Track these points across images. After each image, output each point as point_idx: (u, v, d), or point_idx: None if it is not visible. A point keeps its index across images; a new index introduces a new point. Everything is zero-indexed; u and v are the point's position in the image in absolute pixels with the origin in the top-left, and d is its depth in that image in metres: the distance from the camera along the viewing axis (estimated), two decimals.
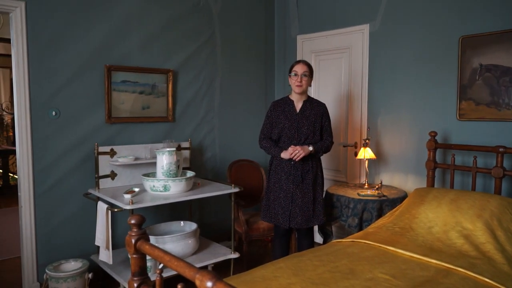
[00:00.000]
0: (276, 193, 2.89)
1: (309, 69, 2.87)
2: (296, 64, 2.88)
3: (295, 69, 2.85)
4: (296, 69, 2.85)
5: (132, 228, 1.53)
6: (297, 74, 2.84)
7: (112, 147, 3.19)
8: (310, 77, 2.88)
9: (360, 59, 3.75)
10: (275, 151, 2.87)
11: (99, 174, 3.11)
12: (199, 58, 3.82)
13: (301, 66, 2.85)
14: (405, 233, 2.49)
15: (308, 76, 2.85)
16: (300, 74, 2.83)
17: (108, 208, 2.74)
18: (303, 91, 2.87)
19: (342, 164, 3.97)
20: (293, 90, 2.90)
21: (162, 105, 3.57)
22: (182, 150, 3.56)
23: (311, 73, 2.90)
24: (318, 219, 2.89)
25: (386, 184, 3.55)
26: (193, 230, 2.99)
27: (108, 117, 3.24)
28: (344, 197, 3.12)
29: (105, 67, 3.19)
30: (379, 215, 2.98)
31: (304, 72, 2.83)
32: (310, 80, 2.90)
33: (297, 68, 2.85)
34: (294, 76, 2.85)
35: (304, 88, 2.85)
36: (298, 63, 2.87)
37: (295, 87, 2.86)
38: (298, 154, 2.76)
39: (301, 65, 2.85)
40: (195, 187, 3.15)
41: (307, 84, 2.87)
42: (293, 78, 2.86)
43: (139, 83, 3.41)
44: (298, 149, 2.76)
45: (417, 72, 3.35)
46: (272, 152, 2.89)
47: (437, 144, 3.10)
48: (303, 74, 2.83)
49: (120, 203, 2.66)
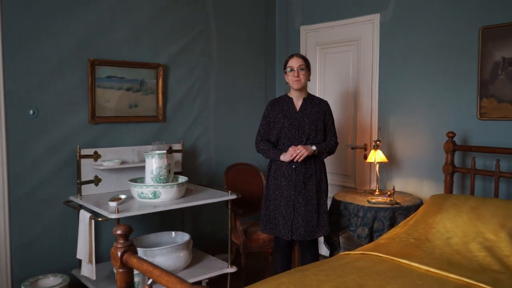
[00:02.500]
0: (276, 201, 2.88)
1: (305, 62, 2.89)
2: (290, 58, 2.89)
3: (290, 64, 2.86)
4: (291, 63, 2.86)
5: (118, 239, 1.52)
6: (293, 69, 2.85)
7: (96, 149, 3.18)
8: (307, 70, 2.89)
9: (370, 52, 3.74)
10: (274, 154, 2.86)
11: (81, 180, 3.10)
12: (192, 52, 3.81)
13: (296, 60, 2.86)
14: (421, 245, 2.48)
15: (305, 69, 2.86)
16: (297, 68, 2.84)
17: (91, 217, 2.73)
18: (302, 87, 2.88)
19: (350, 168, 3.96)
20: (292, 87, 2.91)
21: (152, 103, 3.56)
22: (174, 152, 3.55)
23: (308, 66, 2.91)
24: (323, 230, 2.88)
25: (399, 190, 3.54)
26: (185, 242, 2.98)
27: (92, 117, 3.23)
28: (353, 205, 3.11)
29: (88, 62, 3.18)
30: (391, 224, 2.97)
31: (300, 65, 2.84)
32: (308, 74, 2.91)
33: (292, 62, 2.86)
34: (290, 71, 2.86)
35: (303, 83, 2.86)
36: (292, 57, 2.89)
37: (293, 84, 2.86)
38: (300, 154, 2.75)
39: (296, 58, 2.87)
40: (187, 193, 3.14)
41: (306, 79, 2.88)
42: (289, 74, 2.87)
43: (126, 79, 3.40)
44: (299, 149, 2.76)
45: (433, 67, 3.35)
46: (271, 155, 2.89)
47: (455, 146, 3.09)
48: (300, 68, 2.84)
49: (104, 212, 2.65)
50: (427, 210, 2.75)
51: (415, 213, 2.86)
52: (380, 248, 2.49)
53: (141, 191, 2.89)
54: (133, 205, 2.81)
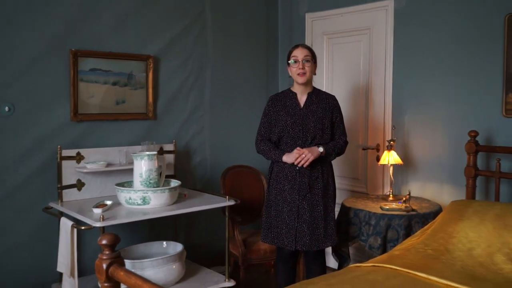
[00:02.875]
0: (278, 207, 2.88)
1: (311, 53, 2.90)
2: (294, 49, 2.89)
3: (294, 55, 2.86)
4: (295, 54, 2.86)
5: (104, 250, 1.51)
6: (297, 60, 2.84)
7: (79, 150, 3.18)
8: (313, 62, 2.89)
9: (383, 42, 3.74)
10: (276, 155, 2.86)
11: (62, 184, 3.10)
12: (185, 42, 3.81)
13: (301, 50, 2.86)
14: (440, 256, 2.48)
15: (311, 61, 2.86)
16: (301, 60, 2.84)
17: (74, 226, 2.72)
18: (307, 81, 2.88)
19: (361, 171, 3.96)
20: (295, 81, 2.91)
21: (141, 99, 3.56)
22: (165, 154, 3.55)
23: (314, 58, 2.92)
24: (331, 239, 2.88)
25: (416, 195, 3.54)
26: (178, 253, 2.98)
27: (74, 114, 3.22)
28: (364, 212, 3.11)
29: (70, 53, 3.18)
30: (407, 233, 2.97)
31: (306, 56, 2.84)
32: (315, 67, 2.92)
33: (296, 53, 2.86)
34: (294, 63, 2.86)
35: (308, 76, 2.86)
36: (297, 47, 2.89)
37: (297, 77, 2.86)
38: (306, 159, 2.74)
39: (301, 49, 2.87)
40: (181, 199, 3.14)
41: (311, 72, 2.88)
42: (293, 67, 2.87)
43: (112, 72, 3.40)
44: (305, 153, 2.74)
45: (454, 58, 3.34)
46: (272, 156, 2.88)
47: (478, 146, 3.08)
48: (305, 60, 2.84)
49: (88, 220, 2.65)
50: (447, 218, 2.75)
51: (433, 221, 2.86)
52: (394, 260, 2.49)
53: (129, 196, 2.88)
54: (120, 212, 2.81)
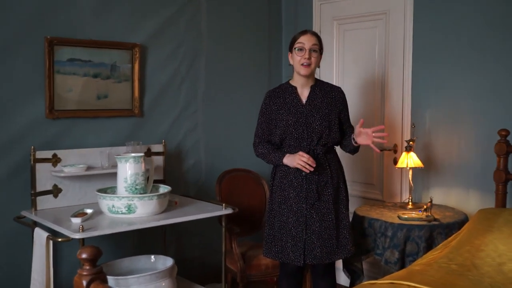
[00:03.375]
0: (283, 217, 2.88)
1: (320, 42, 2.89)
2: (301, 35, 2.88)
3: (301, 41, 2.86)
4: (302, 41, 2.85)
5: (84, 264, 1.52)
6: (303, 48, 2.84)
7: (55, 151, 3.18)
8: (320, 54, 2.89)
9: (401, 29, 3.74)
10: (275, 157, 2.87)
11: (36, 190, 3.09)
12: (176, 28, 3.81)
13: (309, 38, 2.85)
14: (466, 273, 2.48)
15: (318, 51, 2.86)
16: (308, 49, 2.83)
17: (49, 237, 2.72)
18: (311, 73, 2.88)
19: (377, 175, 3.97)
20: (297, 72, 2.90)
21: (126, 94, 3.56)
22: (153, 155, 3.55)
23: (322, 48, 2.91)
24: (345, 249, 2.88)
25: (438, 203, 3.54)
26: (168, 268, 2.98)
27: (50, 110, 3.23)
28: (380, 222, 3.11)
29: (45, 40, 3.18)
30: (428, 246, 2.97)
31: (313, 45, 2.84)
32: (320, 59, 2.91)
33: (303, 39, 2.85)
34: (299, 51, 2.85)
35: (313, 68, 2.86)
36: (304, 33, 2.88)
37: (300, 67, 2.86)
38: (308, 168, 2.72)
39: (309, 36, 2.86)
40: (171, 207, 3.14)
41: (316, 64, 2.88)
42: (297, 55, 2.86)
43: (93, 62, 3.40)
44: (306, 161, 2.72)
45: (483, 47, 3.34)
46: (272, 159, 2.89)
47: (510, 147, 3.09)
48: (312, 49, 2.84)
49: (66, 230, 2.65)
50: (474, 229, 2.75)
51: (458, 232, 2.86)
52: (414, 276, 2.49)
53: (112, 204, 2.89)
54: (102, 222, 2.81)
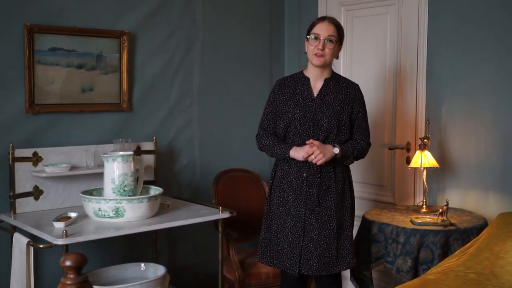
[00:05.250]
0: (280, 220, 2.88)
1: (338, 32, 2.87)
2: (318, 22, 2.88)
3: (316, 31, 2.85)
4: (318, 30, 2.85)
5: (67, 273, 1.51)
6: (318, 37, 2.83)
7: (36, 149, 3.18)
8: (337, 44, 2.88)
9: (415, 15, 3.74)
10: (281, 149, 2.85)
11: (15, 192, 3.10)
12: (169, 14, 3.81)
13: (326, 26, 2.84)
14: (484, 282, 2.49)
15: (334, 43, 2.84)
16: (323, 39, 2.82)
17: (30, 243, 2.72)
18: (325, 64, 2.87)
19: (387, 176, 3.96)
20: (310, 62, 2.90)
21: (113, 86, 3.56)
22: (143, 154, 3.55)
23: (341, 38, 2.90)
24: (345, 262, 2.88)
25: (455, 206, 3.54)
26: (159, 277, 2.97)
27: (30, 104, 3.23)
28: (391, 227, 3.11)
29: (24, 28, 3.17)
30: (444, 253, 2.97)
31: (330, 36, 2.83)
32: (338, 49, 2.90)
33: (319, 28, 2.84)
34: (314, 40, 2.84)
35: (327, 59, 2.85)
36: (322, 20, 2.87)
37: (313, 57, 2.85)
38: (317, 160, 2.73)
39: (326, 24, 2.85)
40: (163, 211, 3.14)
41: (332, 55, 2.87)
42: (311, 44, 2.85)
43: (77, 52, 3.40)
44: (315, 152, 2.73)
45: (505, 36, 3.33)
46: (277, 151, 2.87)
47: None
48: (328, 39, 2.82)
49: (47, 236, 2.65)
50: (494, 234, 2.75)
51: (476, 238, 2.86)
52: (428, 286, 2.49)
53: (98, 207, 2.88)
54: (88, 226, 2.81)
